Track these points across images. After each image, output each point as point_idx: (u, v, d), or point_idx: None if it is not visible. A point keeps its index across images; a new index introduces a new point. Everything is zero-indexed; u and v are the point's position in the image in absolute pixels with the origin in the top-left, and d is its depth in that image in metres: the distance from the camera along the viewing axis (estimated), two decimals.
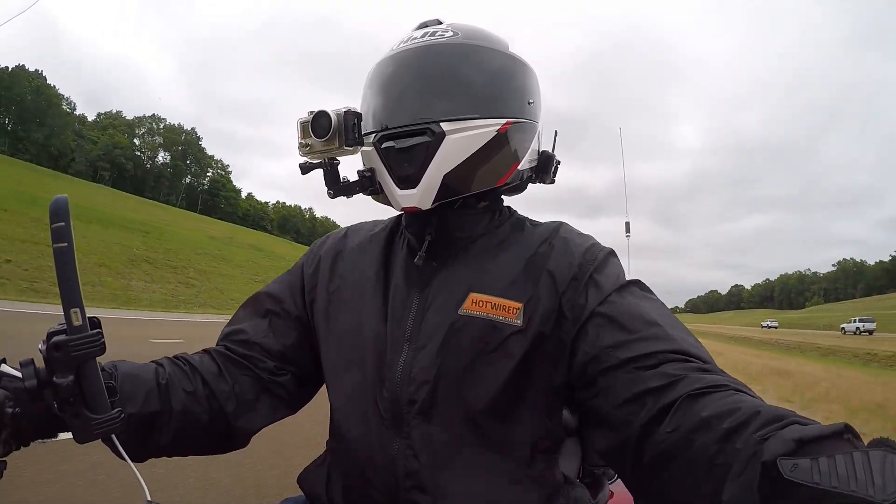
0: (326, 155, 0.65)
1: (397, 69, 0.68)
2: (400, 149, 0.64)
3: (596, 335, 0.58)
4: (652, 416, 0.49)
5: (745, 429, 0.40)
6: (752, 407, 0.42)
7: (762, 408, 0.42)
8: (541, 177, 0.76)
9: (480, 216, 0.70)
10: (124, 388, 0.57)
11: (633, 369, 0.53)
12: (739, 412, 0.42)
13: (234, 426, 0.67)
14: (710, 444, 0.42)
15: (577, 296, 0.61)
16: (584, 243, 0.67)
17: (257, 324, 0.74)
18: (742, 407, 0.43)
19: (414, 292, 0.67)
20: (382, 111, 0.67)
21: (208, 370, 0.67)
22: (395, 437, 0.62)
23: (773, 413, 0.41)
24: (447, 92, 0.66)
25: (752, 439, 0.39)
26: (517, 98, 0.69)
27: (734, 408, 0.43)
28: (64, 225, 0.45)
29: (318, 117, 0.63)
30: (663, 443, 0.47)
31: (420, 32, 0.70)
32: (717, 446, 0.41)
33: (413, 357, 0.63)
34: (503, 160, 0.67)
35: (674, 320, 0.58)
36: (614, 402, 0.53)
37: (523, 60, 0.72)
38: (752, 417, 0.41)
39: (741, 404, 0.43)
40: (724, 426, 0.42)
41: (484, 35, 0.70)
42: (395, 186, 0.65)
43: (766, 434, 0.38)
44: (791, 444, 0.35)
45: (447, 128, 0.63)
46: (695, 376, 0.49)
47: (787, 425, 0.38)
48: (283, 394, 0.72)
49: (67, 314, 0.46)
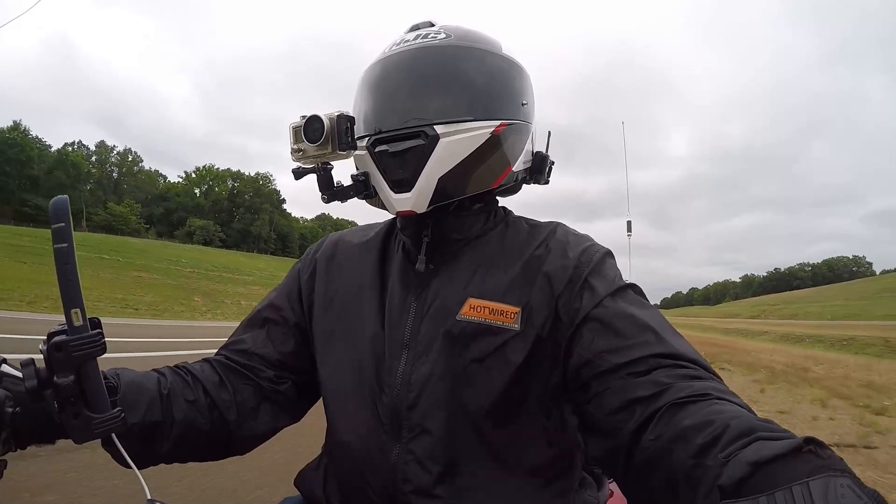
0: (320, 160, 0.65)
1: (390, 72, 0.67)
2: (394, 152, 0.63)
3: (590, 339, 0.58)
4: (640, 424, 0.49)
5: (715, 444, 0.41)
6: (725, 420, 0.43)
7: (734, 420, 0.42)
8: (535, 177, 0.76)
9: (476, 218, 0.70)
10: (126, 398, 0.57)
11: (625, 375, 0.53)
12: (714, 425, 0.43)
13: (236, 435, 0.67)
14: (686, 458, 0.43)
15: (572, 299, 0.61)
16: (580, 244, 0.66)
17: (256, 334, 0.73)
18: (717, 420, 0.43)
19: (411, 296, 0.66)
20: (375, 115, 0.67)
21: (209, 379, 0.67)
22: (395, 442, 0.62)
23: (743, 427, 0.41)
24: (440, 94, 0.65)
25: (719, 459, 0.40)
26: (511, 99, 0.68)
27: (710, 420, 0.44)
28: (64, 225, 0.46)
29: (311, 122, 0.62)
30: (647, 451, 0.47)
31: (412, 35, 0.69)
32: (692, 461, 0.42)
33: (412, 363, 0.63)
34: (498, 162, 0.67)
35: (667, 325, 0.58)
36: (606, 409, 0.53)
37: (517, 61, 0.71)
38: (724, 432, 0.41)
39: (717, 416, 0.44)
40: (698, 441, 0.42)
41: (477, 37, 0.69)
42: (390, 190, 0.64)
43: (729, 454, 0.39)
44: (746, 468, 0.36)
45: (441, 130, 0.62)
46: (682, 384, 0.49)
47: (753, 441, 0.39)
48: (284, 402, 0.72)
49: (68, 314, 0.46)
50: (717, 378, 0.52)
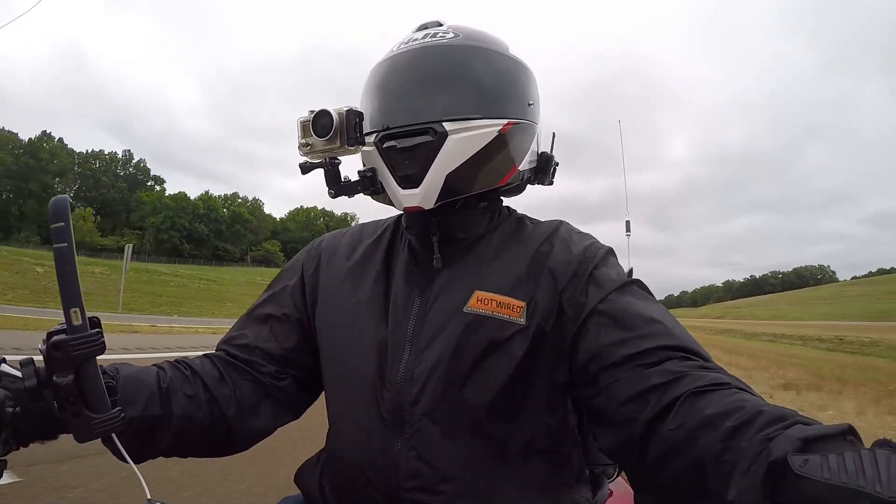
0: (328, 154, 0.65)
1: (399, 70, 0.68)
2: (402, 148, 0.64)
3: (597, 333, 0.58)
4: (656, 414, 0.49)
5: (749, 427, 0.41)
6: (755, 406, 0.42)
7: (765, 407, 0.42)
8: (540, 177, 0.76)
9: (481, 216, 0.71)
10: (126, 392, 0.57)
11: (635, 366, 0.53)
12: (743, 411, 0.42)
13: (235, 430, 0.67)
14: (714, 442, 0.42)
15: (577, 293, 0.61)
16: (583, 241, 0.68)
17: (258, 329, 0.73)
18: (745, 406, 0.43)
19: (416, 293, 0.67)
20: (383, 111, 0.67)
21: (209, 375, 0.67)
22: (397, 437, 0.61)
23: (776, 412, 0.41)
24: (449, 92, 0.66)
25: (758, 438, 0.39)
26: (518, 99, 0.69)
27: (738, 406, 0.43)
28: (64, 225, 0.45)
29: (320, 116, 0.63)
30: (668, 440, 0.47)
31: (420, 34, 0.70)
32: (721, 444, 0.41)
33: (415, 357, 0.63)
34: (504, 160, 0.67)
35: (673, 320, 0.58)
36: (617, 400, 0.53)
37: (523, 62, 0.72)
38: (756, 416, 0.41)
39: (744, 403, 0.43)
40: (728, 424, 0.42)
41: (484, 36, 0.70)
42: (398, 186, 0.65)
43: (771, 433, 0.39)
44: (798, 442, 0.35)
45: (449, 127, 0.63)
46: (697, 373, 0.49)
47: (791, 425, 0.39)
48: (285, 398, 0.72)
49: (67, 314, 0.46)
50: (727, 372, 0.52)
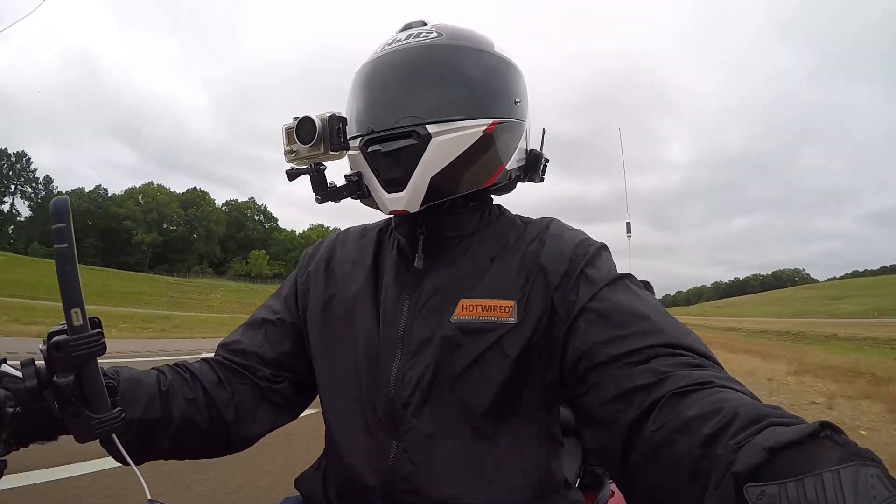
0: (312, 160, 0.65)
1: (382, 72, 0.68)
2: (386, 152, 0.64)
3: (586, 331, 0.57)
4: (639, 414, 0.48)
5: (725, 433, 0.39)
6: (733, 408, 0.41)
7: (742, 408, 0.41)
8: (529, 175, 0.76)
9: (470, 215, 0.71)
10: (126, 394, 0.57)
11: (622, 365, 0.52)
12: (721, 413, 0.41)
13: (234, 433, 0.68)
14: (692, 448, 0.41)
15: (568, 291, 0.61)
16: (575, 238, 0.67)
17: (253, 334, 0.74)
18: (724, 407, 0.41)
19: (405, 294, 0.67)
20: (367, 115, 0.67)
21: (208, 378, 0.67)
22: (392, 441, 0.62)
23: (753, 414, 0.39)
24: (432, 93, 0.65)
25: (730, 446, 0.38)
26: (503, 98, 0.69)
27: (717, 408, 0.42)
28: (65, 226, 0.46)
29: (303, 123, 0.63)
30: (648, 441, 0.46)
31: (404, 34, 0.69)
32: (699, 451, 0.40)
33: (406, 361, 0.63)
34: (491, 160, 0.67)
35: (665, 313, 0.57)
36: (603, 399, 0.52)
37: (509, 60, 0.71)
38: (733, 420, 0.40)
39: (724, 404, 0.42)
40: (704, 431, 0.41)
41: (469, 35, 0.70)
42: (383, 190, 0.65)
43: (741, 440, 0.37)
44: (763, 454, 0.34)
45: (433, 130, 0.63)
46: (682, 373, 0.48)
47: (765, 427, 0.37)
48: (282, 401, 0.72)
49: (68, 314, 0.46)
50: (718, 365, 0.51)
